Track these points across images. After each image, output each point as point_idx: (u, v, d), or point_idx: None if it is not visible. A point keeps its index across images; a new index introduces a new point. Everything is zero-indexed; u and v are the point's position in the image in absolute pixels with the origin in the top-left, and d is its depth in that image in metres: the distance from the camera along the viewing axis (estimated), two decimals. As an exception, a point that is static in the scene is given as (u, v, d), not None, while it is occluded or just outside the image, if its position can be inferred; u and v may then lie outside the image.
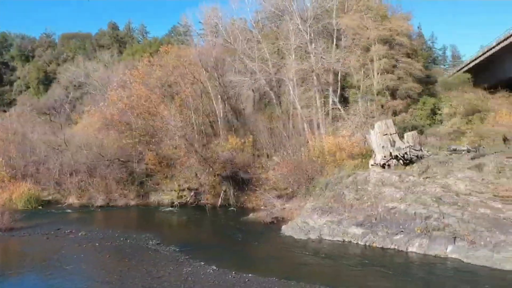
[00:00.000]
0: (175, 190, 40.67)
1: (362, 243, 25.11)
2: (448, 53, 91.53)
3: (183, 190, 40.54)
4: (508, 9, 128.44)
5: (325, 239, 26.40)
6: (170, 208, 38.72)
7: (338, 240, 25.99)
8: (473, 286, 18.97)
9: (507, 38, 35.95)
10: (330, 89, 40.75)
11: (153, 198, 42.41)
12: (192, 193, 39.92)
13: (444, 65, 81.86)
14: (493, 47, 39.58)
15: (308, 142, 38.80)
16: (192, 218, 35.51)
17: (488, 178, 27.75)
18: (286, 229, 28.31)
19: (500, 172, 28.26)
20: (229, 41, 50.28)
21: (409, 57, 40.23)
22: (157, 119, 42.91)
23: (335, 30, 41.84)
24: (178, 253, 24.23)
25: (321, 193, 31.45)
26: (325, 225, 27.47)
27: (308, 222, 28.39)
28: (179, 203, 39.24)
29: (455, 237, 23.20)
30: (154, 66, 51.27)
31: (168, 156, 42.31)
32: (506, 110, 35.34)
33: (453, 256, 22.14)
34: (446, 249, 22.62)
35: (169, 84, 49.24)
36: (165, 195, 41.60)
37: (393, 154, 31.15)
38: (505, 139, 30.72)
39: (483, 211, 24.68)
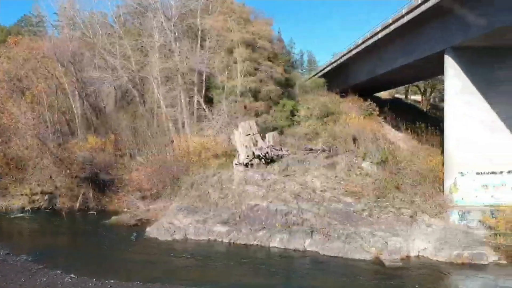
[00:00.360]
0: (26, 194, 36.99)
1: (226, 241, 25.58)
2: (305, 58, 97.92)
3: (36, 194, 37.09)
4: (360, 18, 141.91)
5: (191, 239, 26.35)
6: (21, 214, 35.20)
7: (203, 239, 26.13)
8: (327, 275, 20.51)
9: (354, 48, 39.41)
10: (195, 89, 40.71)
11: (1, 203, 38.13)
12: (46, 197, 36.78)
13: (302, 70, 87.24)
14: (343, 56, 43.15)
15: (173, 141, 38.33)
16: (46, 224, 32.68)
17: (340, 175, 30.29)
18: (151, 231, 27.61)
19: (350, 170, 31.03)
20: (88, 35, 47.42)
21: (270, 60, 41.90)
22: (5, 116, 38.76)
23: (200, 31, 41.93)
24: (30, 262, 22.10)
25: (187, 193, 31.35)
26: (190, 225, 27.41)
27: (173, 222, 28.06)
28: (31, 208, 35.83)
29: (312, 231, 24.86)
30: (1, 58, 46.23)
31: (18, 157, 38.44)
32: (356, 113, 38.69)
33: (311, 249, 23.69)
34: (305, 242, 24.12)
35: (19, 78, 44.73)
36: (15, 200, 37.59)
37: (255, 153, 32.28)
38: (354, 140, 33.67)
39: (336, 206, 26.85)
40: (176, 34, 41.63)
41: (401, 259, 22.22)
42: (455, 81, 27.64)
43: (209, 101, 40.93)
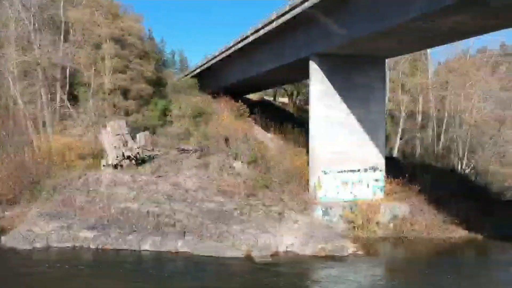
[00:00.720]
0: None
1: (94, 247, 24.21)
2: (177, 58, 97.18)
3: None
4: (233, 22, 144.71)
5: (54, 247, 24.40)
6: None
7: (68, 246, 24.39)
8: (199, 275, 20.55)
9: (226, 50, 40.03)
10: (58, 85, 37.94)
11: None
12: None
13: (173, 69, 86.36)
14: (215, 57, 43.61)
15: (32, 141, 35.24)
16: None
17: (213, 175, 30.62)
18: (7, 240, 24.95)
19: (222, 170, 31.50)
20: None
21: (141, 58, 40.66)
22: None
23: (63, 23, 39.16)
24: None
25: (48, 197, 29.05)
26: (53, 232, 25.38)
27: (33, 229, 25.69)
28: None
29: (185, 232, 24.73)
30: None
31: None
32: (227, 114, 39.43)
33: (184, 250, 23.51)
34: (177, 244, 23.85)
35: None
36: None
37: (125, 154, 31.16)
38: (226, 140, 34.22)
39: (209, 206, 27.04)
40: (36, 25, 38.34)
41: (271, 255, 23.11)
42: (319, 86, 29.58)
43: (74, 98, 38.44)
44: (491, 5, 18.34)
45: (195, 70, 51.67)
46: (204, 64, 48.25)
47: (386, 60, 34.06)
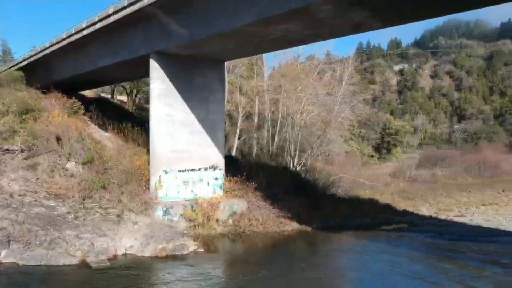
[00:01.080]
0: None
1: None
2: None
3: None
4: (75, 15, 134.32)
5: None
6: None
7: None
8: (26, 285, 18.71)
9: (58, 42, 37.13)
10: None
11: None
12: None
13: (-6, 60, 77.43)
14: (45, 49, 40.13)
15: None
16: None
17: (42, 177, 28.24)
18: None
19: (53, 171, 29.22)
20: None
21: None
22: None
23: None
24: None
25: None
26: None
27: None
28: None
29: (10, 240, 22.27)
30: None
31: None
32: (59, 111, 36.45)
33: (8, 260, 21.20)
34: (0, 254, 21.42)
35: None
36: None
37: None
38: (58, 139, 31.68)
39: (38, 211, 24.87)
40: None
41: (109, 259, 22.06)
42: (159, 84, 29.24)
43: None
44: (317, 16, 20.19)
45: (22, 62, 46.85)
46: (32, 56, 44.02)
47: (225, 63, 35.15)
